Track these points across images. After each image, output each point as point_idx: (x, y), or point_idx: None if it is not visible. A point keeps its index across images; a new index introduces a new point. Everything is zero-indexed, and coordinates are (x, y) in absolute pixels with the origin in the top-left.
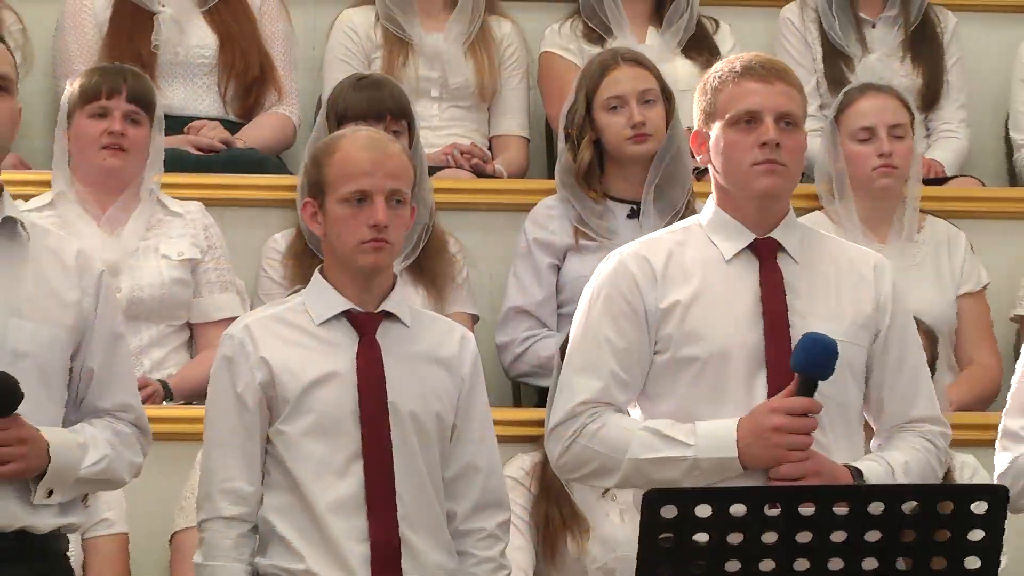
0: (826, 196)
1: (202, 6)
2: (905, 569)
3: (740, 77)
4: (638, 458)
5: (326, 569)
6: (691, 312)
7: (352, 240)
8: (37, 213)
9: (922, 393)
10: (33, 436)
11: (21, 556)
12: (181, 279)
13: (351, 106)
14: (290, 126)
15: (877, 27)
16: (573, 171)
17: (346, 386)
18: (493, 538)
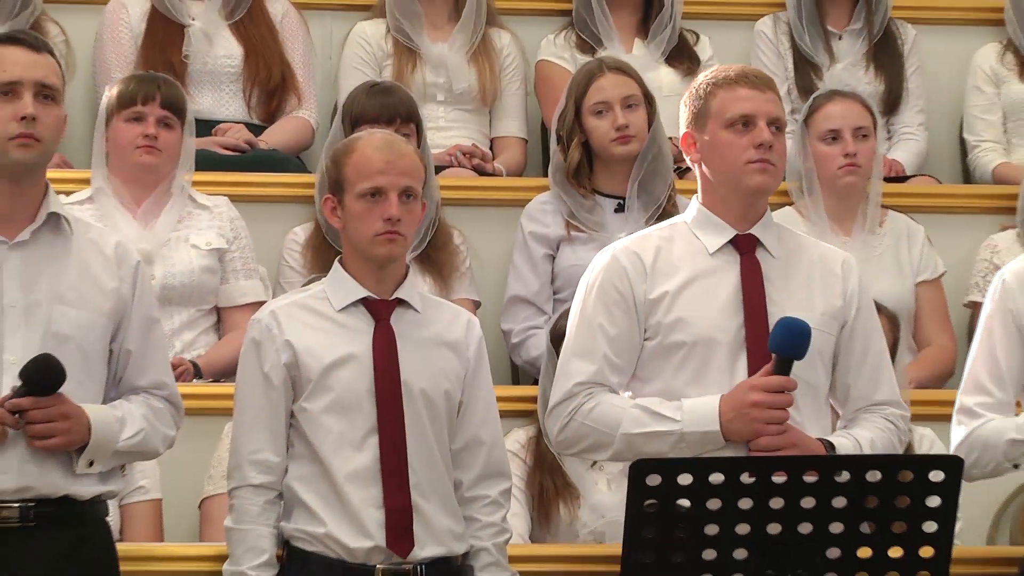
0: (796, 192)
1: (228, 19)
2: (869, 532)
3: (735, 84)
4: (629, 433)
5: (345, 533)
6: (678, 302)
7: (368, 232)
8: (78, 207)
9: (884, 379)
10: (75, 412)
11: (65, 521)
12: (209, 267)
13: (364, 110)
14: (308, 129)
15: (843, 39)
16: (564, 170)
17: (363, 367)
18: (496, 504)
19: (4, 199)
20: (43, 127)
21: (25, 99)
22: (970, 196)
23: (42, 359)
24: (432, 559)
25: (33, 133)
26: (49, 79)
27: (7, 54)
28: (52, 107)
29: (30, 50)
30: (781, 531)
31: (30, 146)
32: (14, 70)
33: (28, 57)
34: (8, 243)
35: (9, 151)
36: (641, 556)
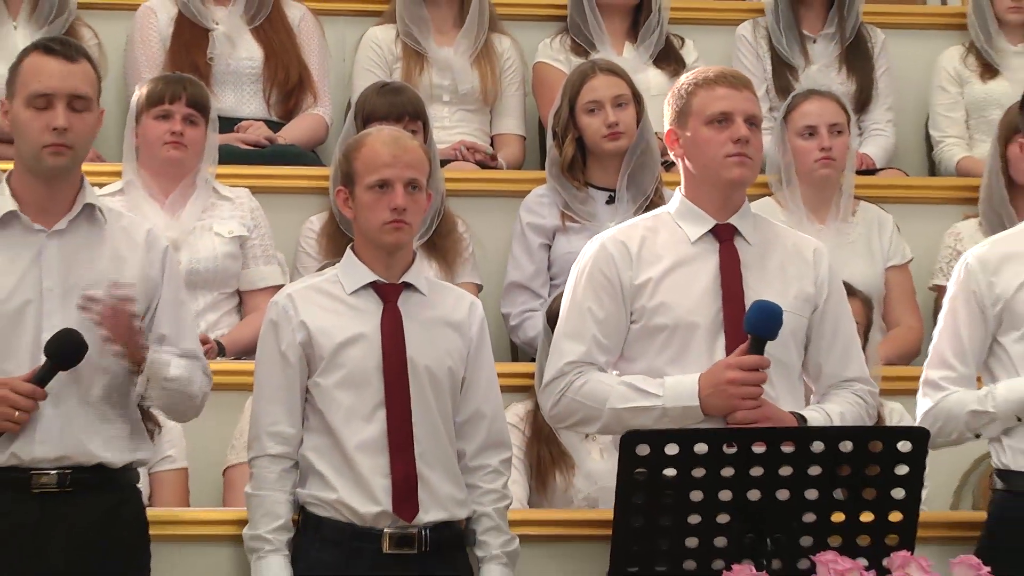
0: (775, 184)
1: (250, 24)
2: (842, 498)
3: (714, 84)
4: (616, 408)
5: (355, 499)
6: (661, 287)
7: (377, 221)
8: (109, 198)
9: (853, 358)
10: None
11: (99, 487)
12: (231, 253)
13: (375, 109)
14: (323, 125)
15: (817, 42)
16: (559, 164)
17: (372, 345)
18: (497, 473)
19: (42, 194)
20: (74, 135)
21: (57, 110)
22: (935, 188)
23: (63, 333)
24: (436, 523)
25: (65, 142)
26: (81, 89)
27: (42, 65)
28: (84, 115)
29: (65, 60)
30: (760, 497)
31: (62, 154)
32: (49, 82)
33: (62, 68)
34: (47, 232)
35: (43, 158)
36: (631, 520)
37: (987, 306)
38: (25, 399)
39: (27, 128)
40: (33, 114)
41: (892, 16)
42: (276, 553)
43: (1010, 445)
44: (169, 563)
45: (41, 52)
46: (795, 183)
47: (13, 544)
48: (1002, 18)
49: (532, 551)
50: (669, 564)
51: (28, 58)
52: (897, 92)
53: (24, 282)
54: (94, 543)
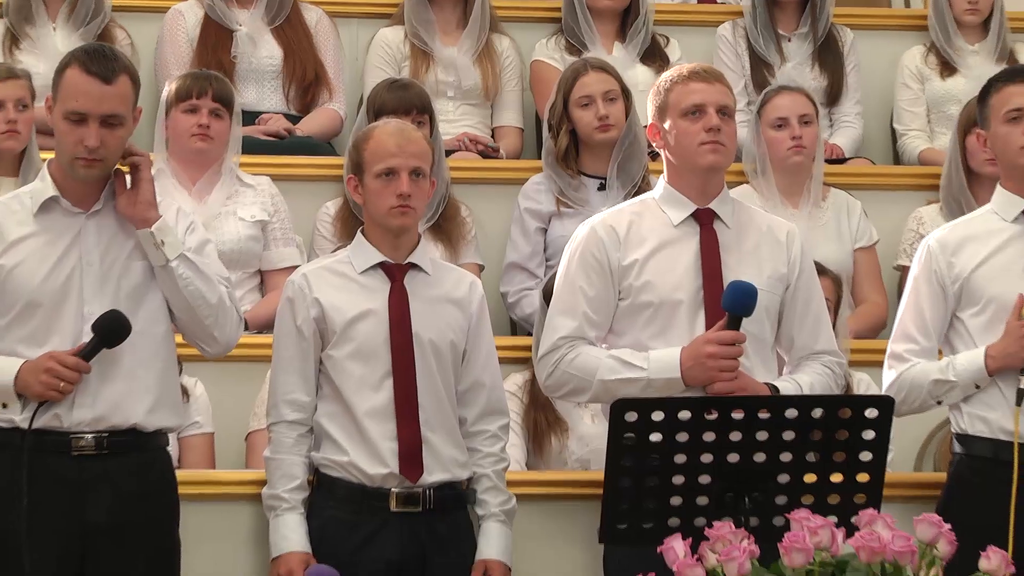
0: (751, 172)
1: (270, 25)
2: (814, 461)
3: (688, 79)
4: (605, 379)
5: (364, 461)
6: (646, 267)
7: (384, 207)
8: None
9: (823, 332)
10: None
11: (133, 448)
12: (253, 236)
13: (385, 103)
14: (338, 119)
15: (792, 41)
16: (554, 154)
17: (380, 321)
18: (495, 438)
19: (79, 189)
20: (106, 149)
21: (91, 129)
22: (899, 176)
23: (111, 315)
24: (439, 484)
25: (96, 157)
26: (115, 110)
27: (81, 85)
28: (117, 130)
29: (102, 82)
30: (739, 459)
31: (92, 166)
32: (85, 103)
33: (99, 91)
34: (85, 213)
35: (75, 168)
36: (620, 481)
37: (947, 284)
38: (70, 371)
39: (63, 138)
40: (69, 127)
41: (860, 17)
42: (293, 511)
43: (968, 412)
44: (196, 519)
45: (82, 70)
46: (770, 171)
47: (55, 501)
48: (960, 19)
49: (530, 509)
50: (655, 521)
51: (70, 69)
52: (864, 87)
53: (66, 260)
54: (128, 500)
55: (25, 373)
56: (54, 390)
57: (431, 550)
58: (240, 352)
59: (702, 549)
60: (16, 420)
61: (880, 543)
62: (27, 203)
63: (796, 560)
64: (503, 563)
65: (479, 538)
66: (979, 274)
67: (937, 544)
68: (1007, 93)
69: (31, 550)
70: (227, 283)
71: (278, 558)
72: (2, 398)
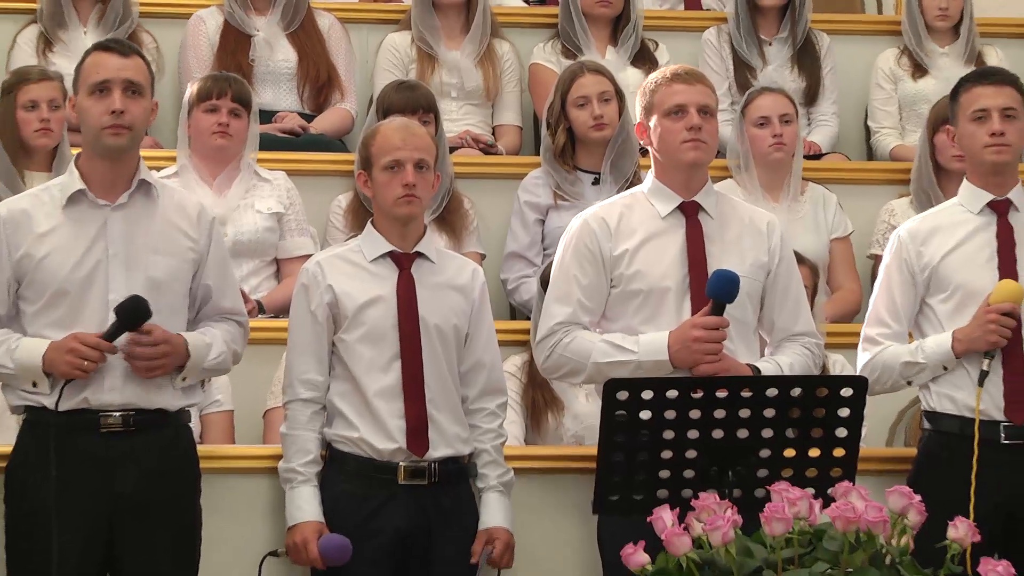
0: (735, 168)
1: (286, 30)
2: (793, 437)
3: (670, 81)
4: (598, 362)
5: (374, 437)
6: (636, 257)
7: (391, 197)
8: (167, 179)
9: (802, 315)
10: (176, 339)
11: (158, 427)
12: (270, 227)
13: (393, 103)
14: (349, 118)
15: (772, 45)
16: (552, 150)
17: (389, 306)
18: (494, 415)
19: (106, 173)
20: (131, 116)
21: (115, 95)
22: (873, 171)
23: (131, 300)
24: (443, 458)
25: (122, 123)
26: (135, 77)
27: (100, 60)
28: (139, 100)
29: (119, 55)
30: (723, 435)
31: (120, 134)
32: (107, 72)
33: (117, 61)
34: (111, 206)
35: (103, 138)
36: (613, 455)
37: (916, 272)
38: (93, 351)
39: (89, 113)
40: (95, 100)
41: (836, 23)
42: (307, 483)
43: (936, 391)
44: (217, 492)
45: (100, 50)
46: (752, 166)
47: (83, 477)
48: (931, 24)
49: (528, 482)
50: (645, 493)
51: (89, 57)
52: (840, 88)
53: (92, 250)
54: (153, 474)
55: (51, 353)
56: (78, 369)
57: (436, 522)
58: (257, 335)
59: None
60: (45, 400)
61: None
62: (56, 196)
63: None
64: (506, 529)
65: (481, 509)
66: (946, 263)
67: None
68: (975, 94)
69: (60, 525)
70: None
71: (293, 527)
72: (31, 377)
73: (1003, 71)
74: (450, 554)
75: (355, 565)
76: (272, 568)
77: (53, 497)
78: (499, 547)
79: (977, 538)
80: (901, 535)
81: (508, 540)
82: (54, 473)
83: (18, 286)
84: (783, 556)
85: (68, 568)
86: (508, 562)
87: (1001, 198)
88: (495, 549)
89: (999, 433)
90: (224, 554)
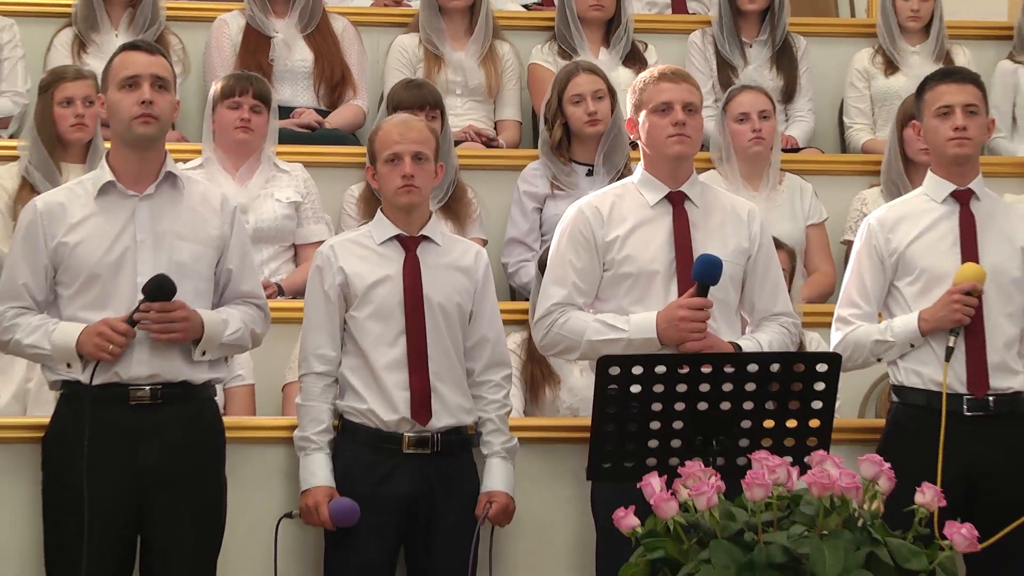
0: (717, 160)
1: (302, 32)
2: (772, 409)
3: (658, 80)
4: (591, 339)
5: (381, 408)
6: (627, 243)
7: (392, 187)
8: (192, 171)
9: (780, 297)
10: (192, 314)
11: (184, 399)
12: (288, 215)
13: (402, 100)
14: (361, 114)
15: (753, 47)
16: (549, 144)
17: (396, 286)
18: (499, 386)
19: (134, 164)
20: (158, 107)
21: (144, 88)
22: (846, 163)
23: (157, 278)
24: (446, 428)
25: (151, 113)
26: (161, 73)
27: (129, 57)
28: (165, 94)
29: (146, 53)
30: (707, 408)
31: (149, 123)
32: (135, 67)
33: (145, 58)
34: (138, 196)
35: (134, 127)
36: (605, 426)
37: (885, 257)
38: (119, 336)
39: (120, 105)
40: (125, 93)
41: (812, 26)
42: (319, 451)
43: (904, 367)
44: (239, 459)
45: (128, 49)
46: (733, 159)
47: (114, 446)
48: (903, 25)
49: (526, 451)
50: (635, 461)
51: (118, 56)
52: (815, 86)
53: (122, 237)
54: (180, 443)
55: (83, 336)
56: (104, 352)
57: (439, 489)
58: (277, 315)
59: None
60: (79, 375)
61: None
62: (88, 188)
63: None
64: (506, 493)
65: (484, 473)
66: (913, 248)
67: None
68: (939, 92)
69: (91, 493)
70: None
71: (306, 491)
72: (66, 358)
73: (965, 70)
74: (452, 521)
75: (363, 528)
76: (287, 528)
77: (86, 466)
78: (496, 508)
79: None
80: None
81: (507, 503)
82: (86, 443)
83: (55, 272)
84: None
85: (99, 532)
86: (503, 522)
87: (963, 188)
88: (492, 509)
89: (962, 405)
90: (245, 516)
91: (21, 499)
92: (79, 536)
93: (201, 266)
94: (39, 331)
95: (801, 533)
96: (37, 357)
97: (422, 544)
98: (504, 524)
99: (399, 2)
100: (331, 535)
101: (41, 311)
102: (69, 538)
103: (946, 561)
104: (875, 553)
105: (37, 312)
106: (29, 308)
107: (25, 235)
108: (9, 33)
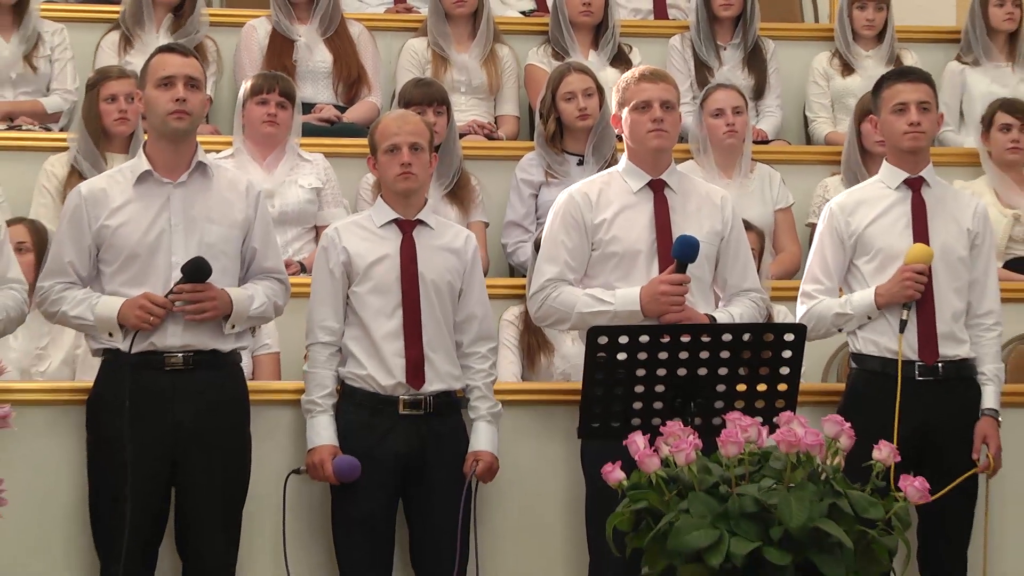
0: (695, 151)
1: (323, 36)
2: (744, 374)
3: (639, 80)
4: (581, 312)
5: (379, 374)
6: (613, 225)
7: (391, 175)
8: (224, 160)
9: (750, 274)
10: (221, 293)
11: (214, 366)
12: (310, 200)
13: (412, 97)
14: (375, 109)
15: (727, 50)
16: (544, 136)
17: (393, 264)
18: (485, 357)
19: (169, 155)
20: (191, 104)
21: (178, 87)
22: (810, 153)
23: (195, 260)
24: (437, 392)
25: (184, 109)
26: (194, 73)
27: (165, 59)
28: (197, 92)
29: (181, 55)
30: (686, 373)
31: (182, 119)
32: (171, 68)
33: (180, 60)
34: (173, 183)
35: (169, 122)
36: (594, 390)
37: (845, 238)
38: (158, 308)
39: (157, 102)
40: (161, 92)
41: (780, 31)
42: (324, 413)
43: (862, 336)
44: (262, 419)
45: (164, 51)
46: (709, 150)
47: (151, 407)
48: (858, 32)
49: (524, 413)
50: (621, 421)
51: (155, 57)
52: (783, 85)
53: (158, 220)
54: (209, 406)
55: (125, 308)
56: (144, 323)
57: (431, 447)
58: (299, 290)
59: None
60: (120, 344)
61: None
62: (127, 176)
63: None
64: (491, 452)
65: (471, 435)
66: (870, 231)
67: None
68: (895, 90)
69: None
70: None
71: (312, 450)
72: (108, 328)
73: (919, 70)
74: (444, 474)
75: (364, 482)
76: (295, 483)
77: (126, 425)
78: (482, 466)
79: (898, 458)
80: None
81: (491, 462)
82: (127, 404)
83: (97, 251)
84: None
85: (139, 483)
86: (488, 479)
87: (915, 176)
88: (478, 467)
89: (914, 371)
90: (259, 471)
91: (69, 454)
92: (122, 485)
93: (228, 247)
94: (83, 304)
95: (770, 486)
96: (81, 327)
97: (418, 497)
98: (488, 481)
99: (409, 8)
100: (336, 489)
101: (85, 286)
102: (111, 488)
103: (900, 511)
104: (837, 504)
105: (81, 287)
106: (74, 283)
107: (71, 218)
108: (59, 37)
